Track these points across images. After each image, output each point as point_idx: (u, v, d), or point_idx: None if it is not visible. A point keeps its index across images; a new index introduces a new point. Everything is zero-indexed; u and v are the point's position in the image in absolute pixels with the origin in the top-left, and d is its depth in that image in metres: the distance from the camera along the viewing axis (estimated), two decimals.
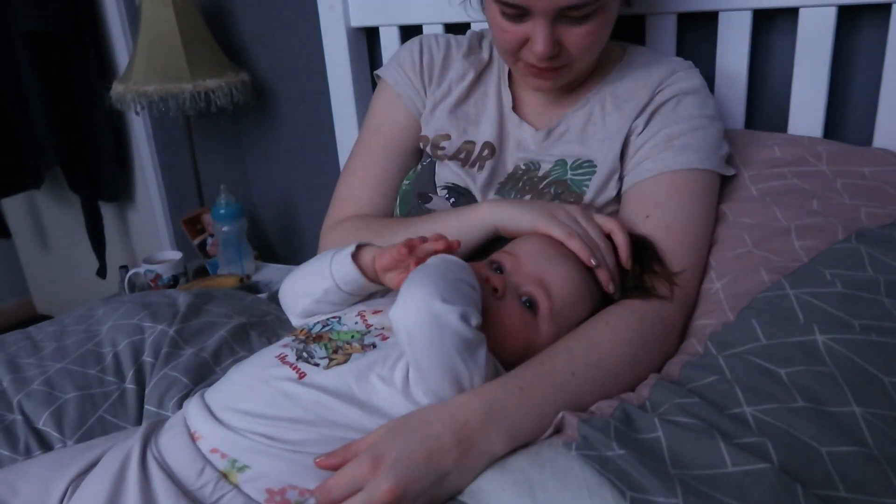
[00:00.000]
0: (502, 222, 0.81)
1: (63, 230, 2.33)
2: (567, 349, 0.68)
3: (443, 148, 0.96)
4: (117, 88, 1.53)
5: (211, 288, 1.28)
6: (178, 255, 1.59)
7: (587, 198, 0.87)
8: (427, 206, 0.94)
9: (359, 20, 1.35)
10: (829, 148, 0.91)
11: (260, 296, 1.46)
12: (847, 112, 1.00)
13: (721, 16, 1.01)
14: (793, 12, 0.97)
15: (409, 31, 1.31)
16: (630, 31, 1.09)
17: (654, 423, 0.60)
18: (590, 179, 0.88)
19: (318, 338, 0.71)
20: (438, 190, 0.94)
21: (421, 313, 0.60)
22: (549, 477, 0.57)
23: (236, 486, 0.62)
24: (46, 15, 1.79)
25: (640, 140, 0.87)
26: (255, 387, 0.67)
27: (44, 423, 0.77)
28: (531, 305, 0.73)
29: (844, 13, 0.95)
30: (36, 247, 2.49)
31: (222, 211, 1.57)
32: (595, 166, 0.88)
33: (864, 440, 0.58)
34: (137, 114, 1.75)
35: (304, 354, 0.69)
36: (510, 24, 0.83)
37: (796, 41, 0.96)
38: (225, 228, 1.58)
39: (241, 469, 0.63)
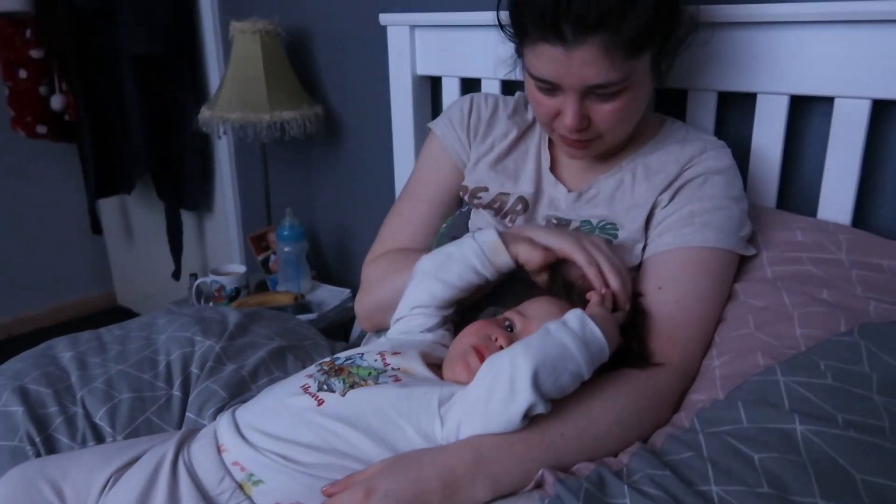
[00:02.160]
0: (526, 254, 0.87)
1: (147, 232, 2.53)
2: (559, 412, 0.74)
3: (479, 198, 1.04)
4: (204, 113, 1.68)
5: (262, 307, 1.40)
6: (242, 269, 1.72)
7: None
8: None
9: (424, 69, 1.45)
10: (852, 237, 0.93)
11: (310, 315, 1.57)
12: (878, 202, 1.01)
13: (759, 97, 1.04)
14: (829, 100, 0.99)
15: (468, 83, 1.40)
16: (673, 105, 1.13)
17: (623, 490, 0.65)
18: (613, 240, 0.93)
19: (339, 370, 0.80)
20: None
21: (508, 384, 0.69)
22: None
23: (250, 497, 0.71)
24: (153, 39, 1.99)
25: (664, 213, 0.92)
26: (279, 412, 0.76)
27: (100, 417, 0.89)
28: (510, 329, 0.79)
29: (879, 106, 0.96)
30: (123, 245, 2.71)
31: (286, 232, 1.70)
32: (617, 229, 0.94)
33: None
34: (219, 137, 1.90)
35: (325, 387, 0.77)
36: (544, 97, 0.90)
37: (830, 128, 0.99)
38: (287, 249, 1.70)
39: (256, 483, 0.71)
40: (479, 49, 1.32)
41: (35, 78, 2.21)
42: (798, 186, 1.08)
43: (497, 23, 0.96)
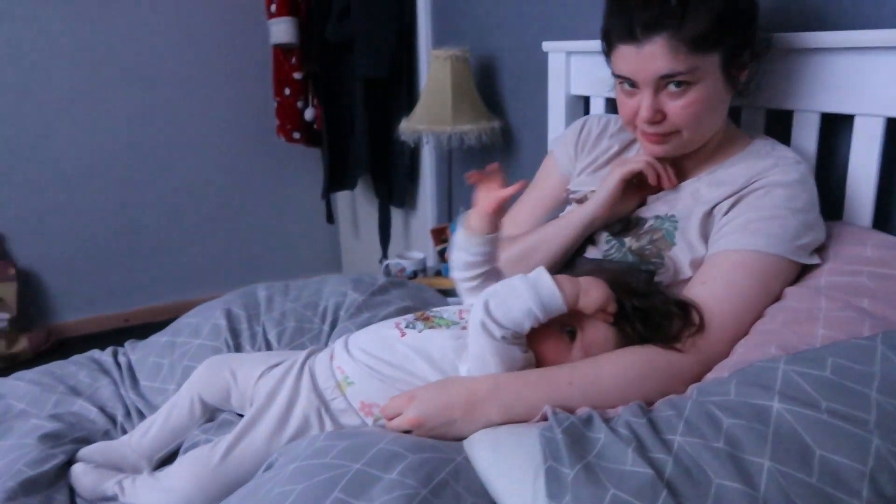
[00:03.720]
0: (594, 198, 1.09)
1: (370, 223, 3.01)
2: (574, 366, 0.90)
3: (575, 194, 1.22)
4: (403, 124, 2.04)
5: (423, 283, 1.69)
6: (420, 255, 2.05)
7: (676, 249, 1.05)
8: None
9: (577, 90, 1.64)
10: None
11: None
12: None
13: (856, 119, 1.07)
14: None
15: (612, 101, 1.56)
16: (783, 126, 1.19)
17: (602, 427, 0.80)
18: (676, 231, 1.06)
19: (426, 318, 1.04)
20: None
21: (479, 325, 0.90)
22: (511, 441, 0.82)
23: (344, 395, 0.98)
24: (379, 65, 2.42)
25: (725, 220, 1.02)
26: (375, 337, 1.03)
27: (272, 336, 1.24)
28: (572, 334, 0.96)
29: None
30: (350, 233, 3.24)
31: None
32: (677, 221, 1.06)
33: (757, 485, 0.71)
34: (412, 145, 2.25)
35: (411, 326, 1.02)
36: (626, 98, 1.06)
37: None
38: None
39: (350, 384, 0.99)
40: None
41: (295, 95, 2.79)
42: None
43: (601, 50, 1.13)
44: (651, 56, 0.99)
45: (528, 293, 0.89)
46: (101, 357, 1.31)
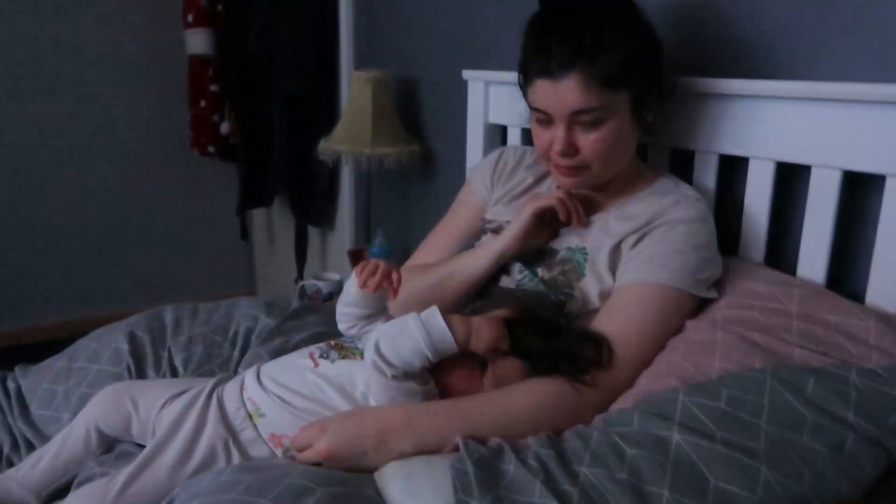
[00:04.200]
0: (507, 231, 1.13)
1: (285, 241, 2.95)
2: (485, 396, 0.92)
3: (490, 222, 1.24)
4: (323, 144, 2.03)
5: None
6: (337, 276, 2.03)
7: (586, 280, 1.09)
8: None
9: (495, 118, 1.67)
10: (808, 292, 1.01)
11: None
12: (851, 265, 1.08)
13: (751, 161, 1.15)
14: (808, 168, 1.09)
15: (528, 131, 1.60)
16: (683, 165, 1.26)
17: (511, 458, 0.82)
18: (586, 262, 1.10)
19: (340, 347, 1.03)
20: None
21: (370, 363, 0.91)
22: (423, 473, 0.82)
23: (255, 426, 0.96)
24: (300, 82, 2.39)
25: (631, 254, 1.07)
26: (287, 367, 1.01)
27: (178, 362, 1.19)
28: (483, 366, 0.97)
29: (849, 176, 1.05)
30: (265, 250, 3.17)
31: (375, 249, 1.98)
32: (587, 253, 1.10)
33: None
34: (330, 165, 2.23)
35: (325, 356, 1.01)
36: (541, 129, 1.10)
37: (808, 194, 1.08)
38: (388, 260, 1.98)
39: (261, 415, 0.96)
40: None
41: (211, 107, 2.72)
42: (786, 245, 1.16)
43: (518, 83, 1.17)
44: (566, 91, 1.03)
45: (418, 333, 0.90)
46: None
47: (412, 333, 0.90)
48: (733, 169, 1.22)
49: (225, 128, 2.71)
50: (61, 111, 2.77)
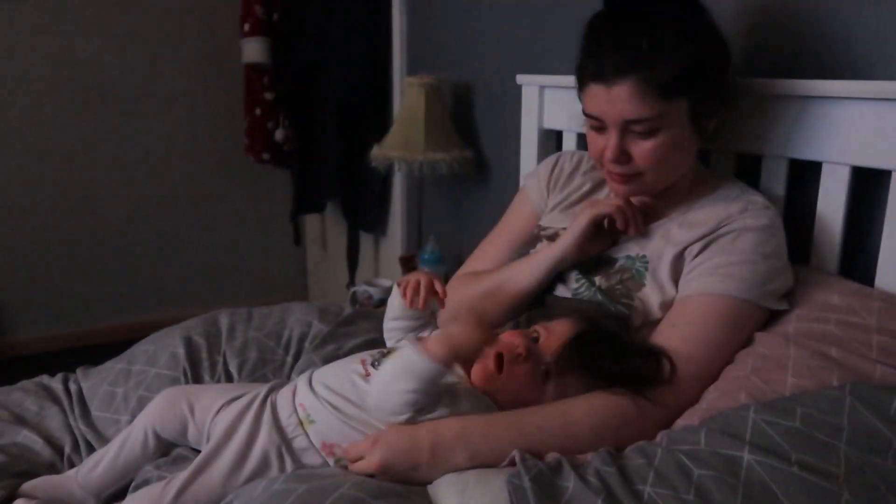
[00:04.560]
0: (563, 238, 1.09)
1: (338, 247, 2.97)
2: (544, 409, 0.89)
3: (545, 230, 1.21)
4: (375, 150, 2.03)
5: None
6: (388, 283, 2.02)
7: (646, 290, 1.04)
8: None
9: (550, 124, 1.64)
10: (889, 305, 0.95)
11: None
12: None
13: (824, 167, 1.09)
14: (888, 173, 1.02)
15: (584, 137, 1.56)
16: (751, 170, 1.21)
17: (571, 476, 0.78)
18: (647, 271, 1.06)
19: (391, 354, 1.02)
20: None
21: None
22: (479, 488, 0.80)
23: (306, 433, 0.95)
24: (352, 88, 2.40)
25: (695, 262, 1.02)
26: (339, 373, 0.99)
27: (233, 367, 1.20)
28: (547, 375, 0.94)
29: None
30: (318, 256, 3.20)
31: (427, 256, 1.97)
32: (647, 261, 1.06)
33: None
34: (382, 172, 2.23)
35: (376, 363, 0.99)
36: (595, 135, 1.06)
37: (887, 201, 1.01)
38: (426, 270, 1.97)
39: (311, 422, 0.95)
40: None
41: (266, 115, 2.76)
42: (863, 254, 1.09)
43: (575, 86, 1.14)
44: (619, 98, 0.99)
45: (401, 380, 0.88)
46: (50, 383, 1.25)
47: (394, 385, 0.88)
48: (805, 174, 1.16)
49: (279, 135, 2.75)
50: (121, 116, 2.84)
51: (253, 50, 2.60)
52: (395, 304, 1.01)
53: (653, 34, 0.97)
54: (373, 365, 0.99)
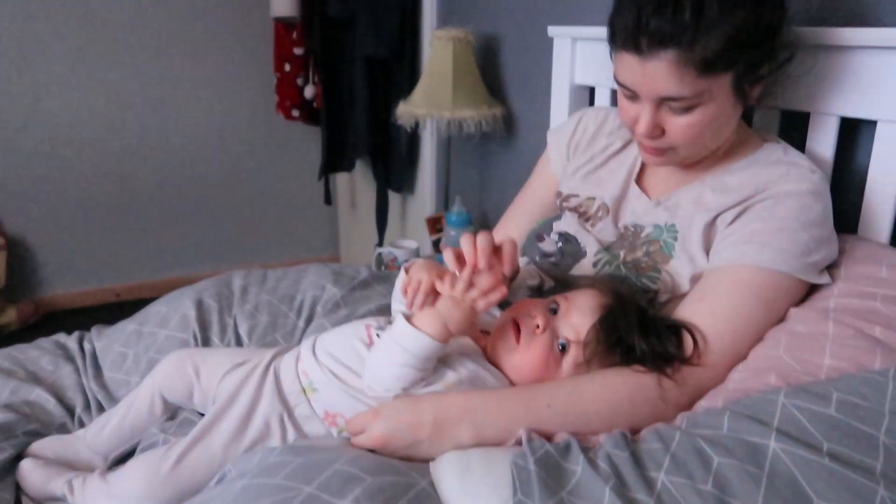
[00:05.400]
0: None
1: (368, 206, 2.93)
2: (554, 386, 0.83)
3: (568, 201, 1.13)
4: (400, 107, 1.95)
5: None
6: (414, 244, 1.97)
7: (674, 262, 0.97)
8: (539, 244, 1.12)
9: (582, 79, 1.54)
10: None
11: None
12: None
13: (879, 125, 0.99)
14: None
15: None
16: (798, 127, 1.11)
17: (579, 458, 0.73)
18: (676, 242, 0.98)
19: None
20: (552, 234, 1.12)
21: None
22: (482, 467, 0.75)
23: (308, 401, 0.91)
24: (382, 43, 2.32)
25: (729, 230, 0.94)
26: (342, 340, 0.95)
27: (243, 330, 1.17)
28: (563, 349, 0.88)
29: None
30: (348, 215, 3.17)
31: (454, 217, 1.91)
32: (677, 231, 0.98)
33: None
34: (408, 130, 2.15)
35: (380, 332, 0.95)
36: (627, 103, 0.97)
37: None
38: (453, 232, 1.91)
39: (314, 390, 0.92)
40: None
41: (295, 71, 2.70)
42: None
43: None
44: (654, 74, 0.89)
45: (394, 354, 0.83)
46: (66, 342, 1.25)
47: (386, 358, 0.84)
48: (855, 134, 1.05)
49: (309, 91, 2.69)
50: (149, 72, 2.82)
51: (281, 3, 2.53)
52: (399, 293, 0.96)
53: (697, 1, 0.85)
54: (377, 332, 0.94)
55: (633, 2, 0.90)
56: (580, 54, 1.53)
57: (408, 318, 0.84)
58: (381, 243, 2.64)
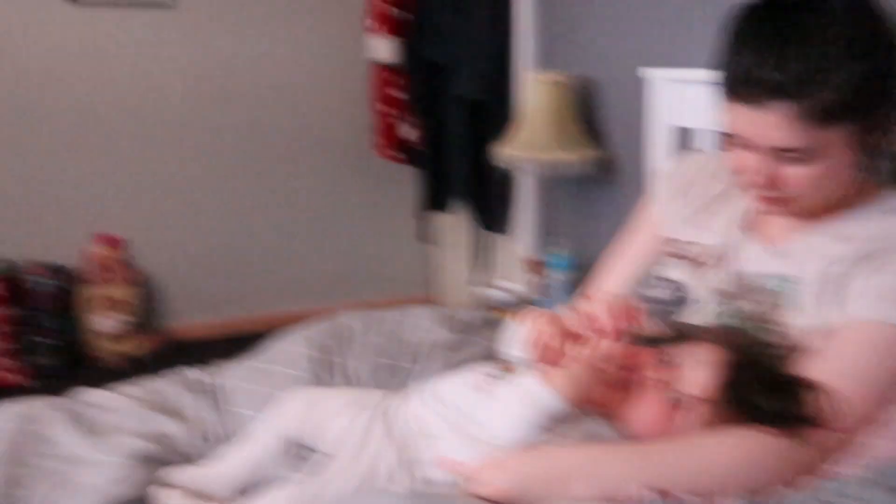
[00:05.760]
0: None
1: (462, 246, 2.96)
2: (675, 443, 0.83)
3: (674, 246, 1.11)
4: (499, 149, 1.99)
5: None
6: (519, 287, 1.99)
7: (795, 315, 0.92)
8: (648, 291, 1.10)
9: (679, 121, 1.53)
10: None
11: None
12: None
13: None
14: None
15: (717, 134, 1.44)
16: None
17: None
18: (796, 294, 0.93)
19: (510, 369, 0.99)
20: (655, 280, 1.10)
21: None
22: None
23: (420, 446, 0.92)
24: (479, 86, 2.38)
25: (855, 283, 0.89)
26: (458, 388, 0.97)
27: (354, 372, 1.21)
28: (682, 404, 0.87)
29: None
30: (441, 254, 3.21)
31: (555, 260, 1.91)
32: (797, 282, 0.93)
33: None
34: (507, 171, 2.18)
35: (496, 381, 0.96)
36: (739, 150, 0.93)
37: None
38: (554, 275, 1.92)
39: (426, 435, 0.93)
40: None
41: (393, 112, 2.80)
42: None
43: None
44: (765, 125, 0.86)
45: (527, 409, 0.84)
46: (191, 375, 1.33)
47: (515, 411, 0.86)
48: None
49: (406, 132, 2.78)
50: (249, 111, 2.98)
51: (381, 47, 2.64)
52: (518, 342, 0.98)
53: (816, 48, 0.82)
54: (492, 381, 0.96)
55: (743, 50, 0.88)
56: (676, 96, 1.52)
57: (538, 375, 0.86)
58: (476, 284, 2.66)
